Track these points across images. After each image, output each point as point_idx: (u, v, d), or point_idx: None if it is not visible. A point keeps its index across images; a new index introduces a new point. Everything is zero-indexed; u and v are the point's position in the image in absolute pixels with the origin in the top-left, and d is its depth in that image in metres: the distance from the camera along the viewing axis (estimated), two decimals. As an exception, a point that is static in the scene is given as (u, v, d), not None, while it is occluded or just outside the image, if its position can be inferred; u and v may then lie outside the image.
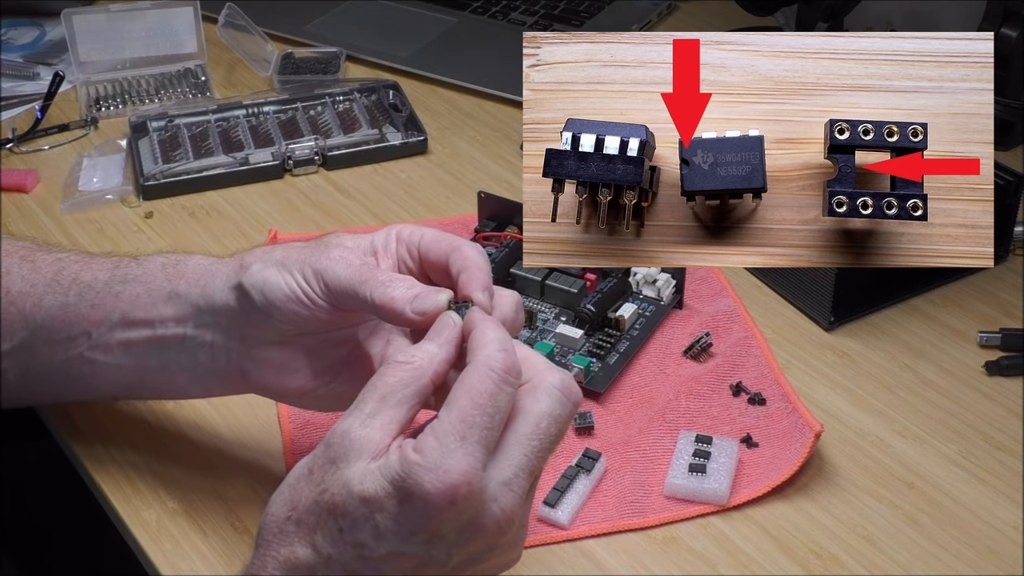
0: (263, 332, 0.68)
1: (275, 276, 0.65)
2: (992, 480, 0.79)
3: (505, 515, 0.57)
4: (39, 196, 1.08)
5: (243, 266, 0.67)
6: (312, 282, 0.65)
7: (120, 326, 0.72)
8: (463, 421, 0.56)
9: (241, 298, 0.67)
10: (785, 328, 0.92)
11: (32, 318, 0.74)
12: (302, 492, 0.58)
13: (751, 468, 0.79)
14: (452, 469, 0.55)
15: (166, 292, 0.71)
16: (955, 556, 0.74)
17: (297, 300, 0.65)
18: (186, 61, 1.26)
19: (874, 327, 0.92)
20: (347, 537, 0.57)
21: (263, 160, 1.11)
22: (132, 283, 0.72)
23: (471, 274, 0.63)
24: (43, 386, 0.77)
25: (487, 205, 0.99)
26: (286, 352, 0.69)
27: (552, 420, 0.58)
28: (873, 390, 0.86)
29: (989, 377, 0.87)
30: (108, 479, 0.79)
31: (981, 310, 0.93)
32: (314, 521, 0.57)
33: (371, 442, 0.57)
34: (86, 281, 0.74)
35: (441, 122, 1.19)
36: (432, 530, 0.56)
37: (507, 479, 0.57)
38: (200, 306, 0.69)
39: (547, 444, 0.58)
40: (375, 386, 0.58)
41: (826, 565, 0.73)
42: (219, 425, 0.83)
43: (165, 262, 0.72)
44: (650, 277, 0.92)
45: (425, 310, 0.62)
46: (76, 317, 0.73)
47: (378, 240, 0.68)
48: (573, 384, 0.60)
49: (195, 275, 0.70)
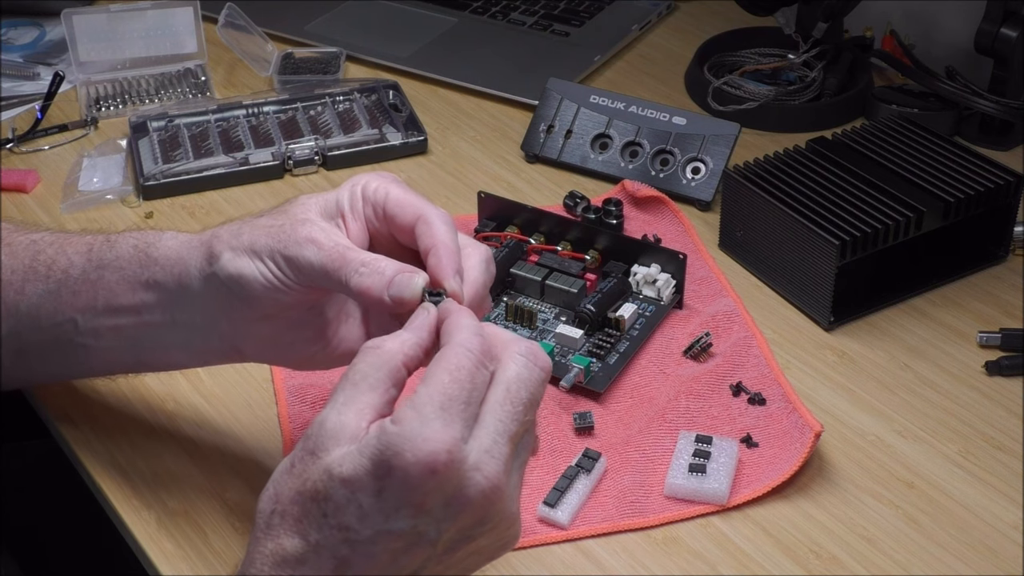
0: (248, 313, 0.68)
1: (248, 267, 0.65)
2: (992, 480, 0.79)
3: (490, 482, 0.56)
4: (39, 196, 1.08)
5: (213, 255, 0.66)
6: (285, 269, 0.64)
7: (105, 313, 0.72)
8: (442, 394, 0.56)
9: (219, 288, 0.67)
10: (785, 328, 0.92)
11: (16, 307, 0.74)
12: (285, 485, 0.58)
13: (751, 468, 0.79)
14: (431, 437, 0.54)
15: (143, 280, 0.70)
16: (955, 556, 0.74)
17: (274, 288, 0.65)
18: (186, 61, 1.26)
19: (874, 327, 0.92)
20: (332, 521, 0.56)
21: (263, 160, 1.11)
22: (108, 269, 0.71)
23: (439, 258, 0.63)
24: (40, 365, 0.77)
25: (487, 205, 0.99)
26: (277, 325, 0.69)
27: (521, 383, 0.58)
28: (873, 390, 0.86)
29: (989, 377, 0.87)
30: (108, 479, 0.79)
31: (981, 310, 0.93)
32: (298, 511, 0.57)
33: (347, 428, 0.56)
34: (63, 267, 0.73)
35: (441, 122, 1.19)
36: (416, 503, 0.55)
37: (487, 447, 0.56)
38: (179, 295, 0.69)
39: (520, 408, 0.58)
40: (346, 375, 0.58)
41: (826, 565, 0.73)
42: (219, 425, 0.83)
43: (136, 243, 0.71)
44: (650, 277, 0.92)
45: (402, 297, 0.62)
46: (60, 304, 0.73)
47: (343, 199, 0.67)
48: (540, 351, 0.60)
49: (167, 261, 0.69)
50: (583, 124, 1.10)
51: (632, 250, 0.94)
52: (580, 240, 0.95)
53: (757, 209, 0.95)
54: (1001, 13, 1.09)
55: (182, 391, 0.85)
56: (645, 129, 1.08)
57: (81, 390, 0.85)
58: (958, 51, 1.20)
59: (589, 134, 1.10)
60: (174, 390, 0.85)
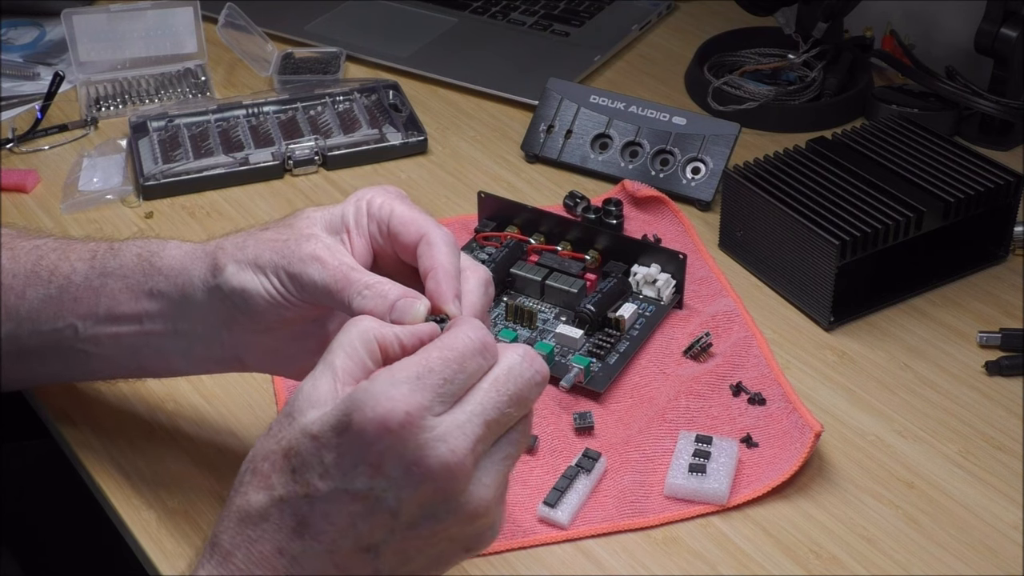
0: (250, 325, 0.68)
1: (252, 281, 0.65)
2: (992, 480, 0.79)
3: (455, 456, 0.55)
4: (39, 196, 1.08)
5: (217, 267, 0.67)
6: (288, 286, 0.65)
7: (106, 320, 0.72)
8: (423, 364, 0.56)
9: (223, 300, 0.67)
10: (785, 328, 0.92)
11: (16, 310, 0.74)
12: (261, 446, 0.58)
13: (751, 468, 0.79)
14: (394, 396, 0.54)
15: (146, 289, 0.71)
16: (955, 556, 0.74)
17: (277, 304, 0.65)
18: (186, 61, 1.26)
19: (874, 327, 0.92)
20: (298, 477, 0.56)
21: (263, 160, 1.11)
22: (111, 277, 0.72)
23: (438, 283, 0.62)
24: (40, 367, 0.77)
25: (487, 205, 0.99)
26: (279, 338, 0.69)
27: (511, 376, 0.58)
28: (873, 390, 0.86)
29: (989, 377, 0.87)
30: (108, 479, 0.79)
31: (981, 310, 0.93)
32: (268, 467, 0.57)
33: (320, 390, 0.56)
34: (65, 273, 0.74)
35: (441, 122, 1.19)
36: (373, 463, 0.55)
37: (460, 422, 0.56)
38: (181, 305, 0.69)
39: (504, 399, 0.57)
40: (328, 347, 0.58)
41: (826, 565, 0.73)
42: (219, 425, 0.83)
43: (140, 252, 0.72)
44: (650, 277, 0.92)
45: (403, 322, 0.61)
46: (60, 309, 0.73)
47: (348, 214, 0.67)
48: (538, 355, 0.59)
49: (171, 271, 0.70)
50: (583, 124, 1.10)
51: (632, 250, 0.94)
52: (580, 240, 0.95)
53: (757, 209, 0.95)
54: (1001, 13, 1.10)
55: (182, 392, 0.85)
56: (645, 129, 1.08)
57: (81, 390, 0.85)
58: (958, 51, 1.20)
59: (589, 134, 1.10)
60: (174, 391, 0.85)
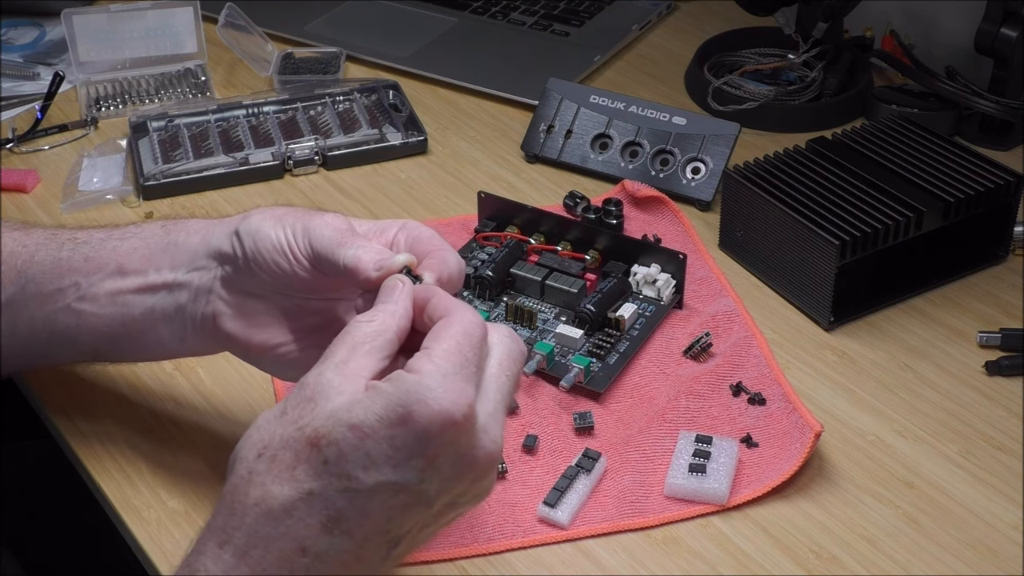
0: (246, 281, 0.69)
1: (269, 227, 0.68)
2: (992, 480, 0.79)
3: (496, 447, 0.57)
4: (39, 196, 1.08)
5: (245, 217, 0.70)
6: (299, 238, 0.67)
7: (113, 276, 0.73)
8: (458, 352, 0.56)
9: (235, 243, 0.69)
10: (785, 328, 0.92)
11: (24, 273, 0.75)
12: (276, 431, 0.56)
13: (751, 468, 0.79)
14: (453, 389, 0.55)
15: (164, 243, 0.73)
16: (955, 556, 0.74)
17: (282, 252, 0.67)
18: (186, 61, 1.26)
19: (874, 327, 0.92)
20: (333, 469, 0.54)
21: (263, 160, 1.11)
22: (131, 239, 0.74)
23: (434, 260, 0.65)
24: (28, 346, 0.77)
25: (487, 205, 0.99)
26: (262, 305, 0.70)
27: (511, 359, 0.60)
28: (873, 390, 0.86)
29: (989, 377, 0.87)
30: (108, 479, 0.79)
31: (981, 310, 0.93)
32: (291, 457, 0.55)
33: (348, 382, 0.56)
34: (82, 238, 0.76)
35: (441, 122, 1.19)
36: (430, 456, 0.55)
37: (491, 411, 0.57)
38: (197, 252, 0.71)
39: (511, 381, 0.60)
40: (343, 339, 0.59)
41: (826, 565, 0.73)
42: (219, 426, 0.83)
43: (166, 222, 0.75)
44: (650, 277, 0.92)
45: (383, 266, 0.63)
46: (68, 268, 0.74)
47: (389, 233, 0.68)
48: (514, 332, 0.62)
49: (197, 227, 0.73)
50: (583, 124, 1.10)
51: (632, 250, 0.94)
52: (580, 240, 0.95)
53: (757, 209, 0.95)
54: (1001, 13, 1.10)
55: (182, 391, 0.85)
56: (645, 129, 1.08)
57: (81, 390, 0.85)
58: (958, 51, 1.20)
59: (589, 134, 1.10)
60: (174, 390, 0.85)
